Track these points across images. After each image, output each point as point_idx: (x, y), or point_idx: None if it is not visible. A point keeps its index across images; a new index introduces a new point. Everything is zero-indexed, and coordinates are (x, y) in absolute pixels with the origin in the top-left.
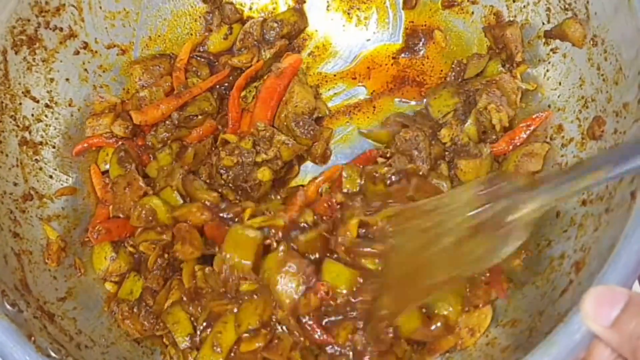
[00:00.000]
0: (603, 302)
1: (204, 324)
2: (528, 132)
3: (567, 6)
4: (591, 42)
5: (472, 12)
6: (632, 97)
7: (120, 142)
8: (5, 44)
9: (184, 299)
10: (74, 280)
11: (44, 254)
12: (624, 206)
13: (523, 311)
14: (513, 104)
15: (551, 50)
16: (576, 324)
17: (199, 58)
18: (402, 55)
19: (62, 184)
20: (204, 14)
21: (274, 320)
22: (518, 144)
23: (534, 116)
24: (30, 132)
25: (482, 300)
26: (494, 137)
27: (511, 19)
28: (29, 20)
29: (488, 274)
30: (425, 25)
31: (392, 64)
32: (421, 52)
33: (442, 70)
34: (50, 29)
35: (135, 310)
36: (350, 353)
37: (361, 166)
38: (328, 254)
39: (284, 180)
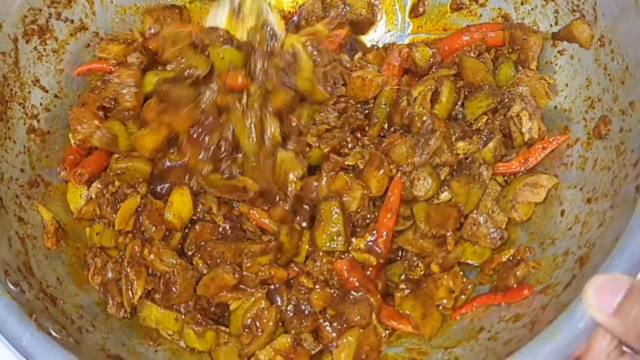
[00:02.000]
0: (605, 290)
1: None
2: (543, 154)
3: (575, 7)
4: (598, 43)
5: (480, 15)
6: (639, 96)
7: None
8: (17, 32)
9: None
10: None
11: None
12: (628, 201)
13: (526, 306)
14: (544, 96)
15: (558, 52)
16: (579, 313)
17: None
18: None
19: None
20: None
21: None
22: (530, 166)
23: (551, 139)
24: (38, 121)
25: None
26: (513, 155)
27: (519, 21)
28: (40, 11)
29: None
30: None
31: None
32: None
33: None
34: (62, 20)
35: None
36: None
37: None
38: None
39: None
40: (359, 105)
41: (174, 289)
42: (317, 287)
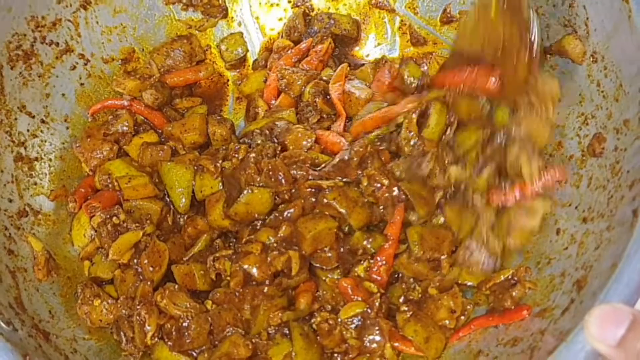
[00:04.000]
0: (607, 321)
1: None
2: (539, 189)
3: (566, 22)
4: (591, 59)
5: None
6: (633, 114)
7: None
8: (1, 59)
9: None
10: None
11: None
12: (625, 224)
13: (524, 329)
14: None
15: (550, 66)
16: (579, 343)
17: None
18: None
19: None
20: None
21: None
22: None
23: (548, 176)
24: (25, 148)
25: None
26: (508, 183)
27: None
28: (25, 35)
29: None
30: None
31: None
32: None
33: None
34: (47, 43)
35: (96, 299)
36: None
37: None
38: None
39: None
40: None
41: (187, 334)
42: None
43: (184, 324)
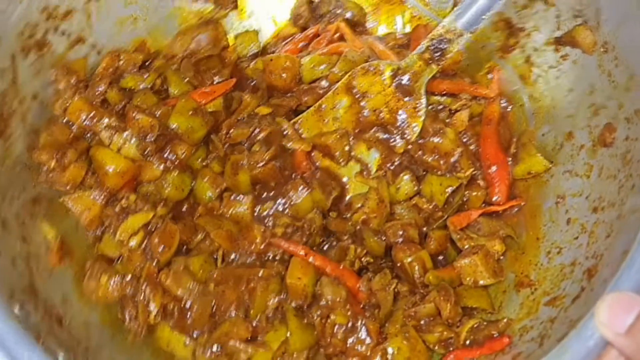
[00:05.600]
0: (618, 309)
1: None
2: None
3: (577, 13)
4: (602, 49)
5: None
6: None
7: None
8: (14, 48)
9: None
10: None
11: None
12: (636, 212)
13: (535, 318)
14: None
15: (561, 57)
16: (589, 330)
17: None
18: None
19: None
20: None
21: None
22: None
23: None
24: (38, 137)
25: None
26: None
27: (520, 26)
28: (37, 25)
29: None
30: None
31: None
32: None
33: None
34: (59, 33)
35: (104, 276)
36: None
37: None
38: None
39: None
40: None
41: (188, 314)
42: None
43: (186, 305)
